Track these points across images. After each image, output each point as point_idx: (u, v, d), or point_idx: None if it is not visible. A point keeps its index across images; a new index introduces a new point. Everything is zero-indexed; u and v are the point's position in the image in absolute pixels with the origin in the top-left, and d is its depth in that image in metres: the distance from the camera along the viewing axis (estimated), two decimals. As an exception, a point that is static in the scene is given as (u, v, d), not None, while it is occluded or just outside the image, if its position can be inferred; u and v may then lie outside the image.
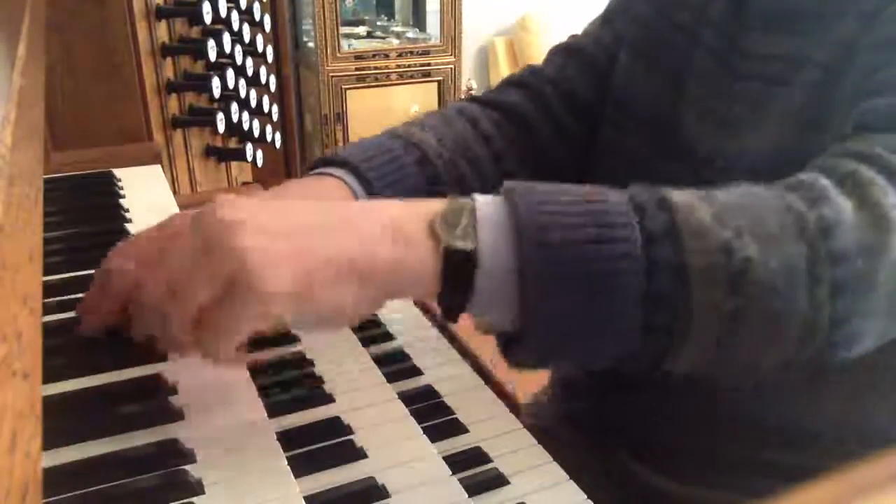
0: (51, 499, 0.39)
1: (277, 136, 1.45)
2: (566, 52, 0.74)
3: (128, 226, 0.75)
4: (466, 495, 0.46)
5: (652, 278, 0.39)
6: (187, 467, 0.43)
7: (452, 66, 3.31)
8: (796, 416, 0.60)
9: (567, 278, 0.39)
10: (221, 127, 1.26)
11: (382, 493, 0.45)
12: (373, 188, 0.59)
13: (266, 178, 1.55)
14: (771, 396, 0.60)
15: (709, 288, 0.39)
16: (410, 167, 0.61)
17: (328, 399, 0.52)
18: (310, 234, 0.40)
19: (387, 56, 3.19)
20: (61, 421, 0.44)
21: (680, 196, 0.41)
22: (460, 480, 0.47)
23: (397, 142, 0.63)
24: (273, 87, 1.48)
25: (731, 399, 0.60)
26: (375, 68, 3.17)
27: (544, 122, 0.70)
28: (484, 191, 0.66)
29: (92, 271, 0.64)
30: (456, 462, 0.49)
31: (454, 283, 0.40)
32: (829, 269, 0.40)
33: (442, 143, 0.65)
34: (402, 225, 0.41)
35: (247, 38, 1.36)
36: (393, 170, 0.60)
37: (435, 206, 0.42)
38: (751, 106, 0.57)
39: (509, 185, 0.42)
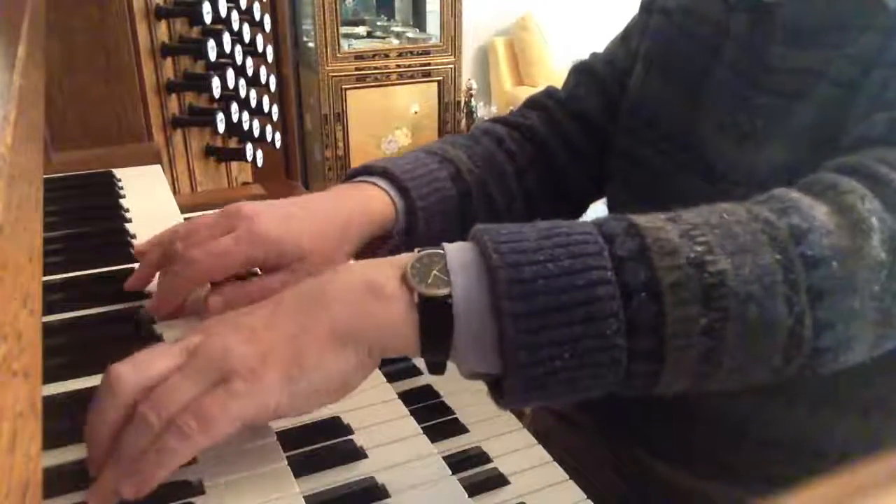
0: (51, 499, 0.39)
1: (277, 136, 1.45)
2: (580, 73, 0.77)
3: (128, 226, 0.75)
4: (466, 495, 0.46)
5: (628, 302, 0.39)
6: (187, 468, 0.43)
7: (452, 66, 3.31)
8: (805, 433, 0.60)
9: (543, 312, 0.38)
10: (221, 127, 1.26)
11: (382, 493, 0.45)
12: (411, 198, 0.61)
13: (266, 178, 1.55)
14: (779, 413, 0.60)
15: (684, 304, 0.39)
16: (445, 181, 0.64)
17: (328, 399, 0.52)
18: (289, 319, 0.41)
19: (387, 56, 3.19)
20: (61, 421, 0.44)
21: (648, 220, 0.42)
22: (460, 480, 0.47)
23: (433, 157, 0.66)
24: (273, 87, 1.48)
25: (740, 411, 0.61)
26: (375, 68, 3.17)
27: (558, 143, 0.73)
28: (508, 206, 0.70)
29: (92, 271, 0.65)
30: (456, 462, 0.49)
31: (433, 332, 0.41)
32: (804, 275, 0.40)
33: (472, 160, 0.68)
34: (376, 281, 0.41)
35: (247, 38, 1.36)
36: (428, 181, 0.63)
37: (405, 258, 0.42)
38: (771, 120, 0.57)
39: (477, 229, 0.42)
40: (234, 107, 1.28)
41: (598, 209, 0.79)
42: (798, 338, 0.40)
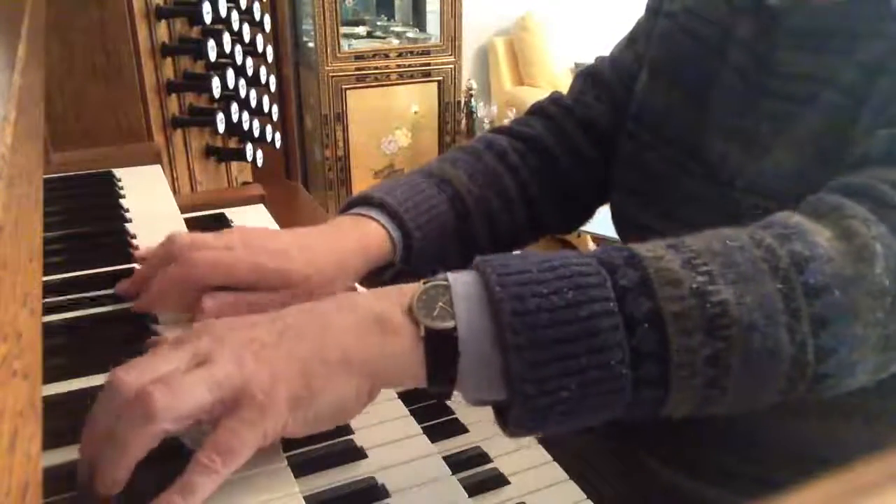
0: (51, 499, 0.39)
1: (277, 136, 1.45)
2: (586, 78, 0.77)
3: (128, 226, 0.75)
4: (466, 495, 0.46)
5: (632, 333, 0.39)
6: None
7: (452, 66, 3.31)
8: (811, 442, 0.60)
9: (547, 344, 0.39)
10: (221, 127, 1.26)
11: (382, 493, 0.45)
12: (407, 228, 0.61)
13: (266, 178, 1.55)
14: (787, 422, 0.60)
15: (687, 334, 0.39)
16: (443, 205, 0.65)
17: (328, 399, 0.52)
18: (300, 341, 0.41)
19: (387, 56, 3.19)
20: (61, 421, 0.44)
21: (648, 250, 0.42)
22: (460, 480, 0.47)
23: (430, 181, 0.66)
24: (273, 87, 1.48)
25: (745, 418, 0.61)
26: (375, 68, 3.17)
27: (563, 151, 0.73)
28: (511, 221, 0.70)
29: (92, 271, 0.65)
30: (456, 462, 0.49)
31: (439, 364, 0.41)
32: (806, 303, 0.40)
33: (472, 179, 0.68)
34: (383, 313, 0.42)
35: (247, 38, 1.36)
36: (426, 209, 0.63)
37: (411, 289, 0.43)
38: (776, 125, 0.57)
39: (479, 260, 0.43)
40: (234, 107, 1.28)
41: (601, 213, 0.79)
42: (801, 365, 0.41)
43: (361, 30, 3.44)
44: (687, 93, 0.64)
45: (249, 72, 1.37)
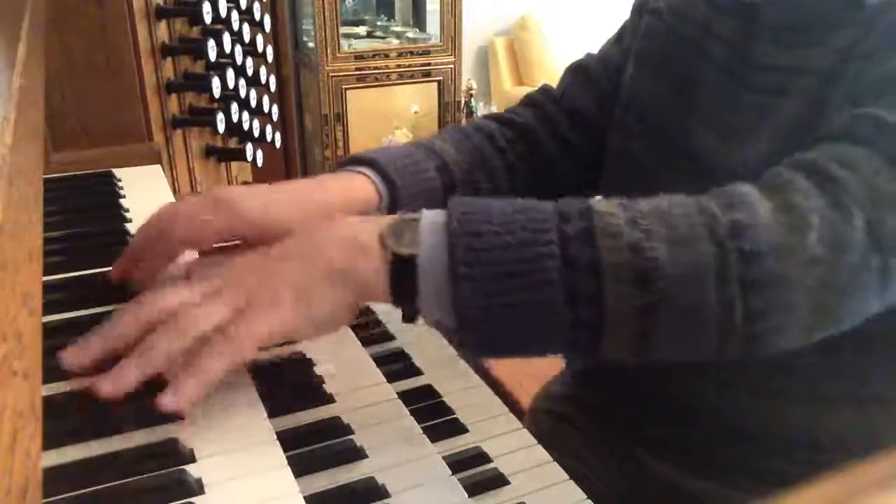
0: (51, 499, 0.39)
1: (277, 136, 1.45)
2: (574, 72, 0.79)
3: (128, 226, 0.75)
4: (466, 495, 0.46)
5: (572, 276, 0.43)
6: (187, 467, 0.43)
7: (452, 65, 3.31)
8: (802, 428, 0.61)
9: (494, 278, 0.44)
10: (221, 127, 1.26)
11: (382, 493, 0.45)
12: (395, 186, 0.63)
13: (266, 178, 1.55)
14: (775, 408, 0.60)
15: (620, 284, 0.43)
16: (430, 171, 0.67)
17: (328, 399, 0.52)
18: (295, 260, 0.48)
19: (387, 56, 3.19)
20: (61, 421, 0.44)
21: (602, 205, 0.46)
22: (460, 480, 0.47)
23: (420, 149, 0.69)
24: (273, 87, 1.48)
25: (737, 408, 0.61)
26: (375, 68, 3.17)
27: (549, 138, 0.75)
28: (498, 196, 0.70)
29: (92, 271, 0.65)
30: (456, 462, 0.49)
31: (402, 286, 0.46)
32: (739, 267, 0.43)
33: (460, 153, 0.70)
34: (359, 237, 0.48)
35: (247, 38, 1.36)
36: (414, 171, 0.66)
37: (387, 219, 0.48)
38: (757, 116, 0.59)
39: (452, 199, 0.48)
40: (234, 107, 1.28)
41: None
42: (729, 324, 0.44)
43: (361, 30, 3.44)
44: (671, 85, 0.66)
45: (249, 72, 1.37)
